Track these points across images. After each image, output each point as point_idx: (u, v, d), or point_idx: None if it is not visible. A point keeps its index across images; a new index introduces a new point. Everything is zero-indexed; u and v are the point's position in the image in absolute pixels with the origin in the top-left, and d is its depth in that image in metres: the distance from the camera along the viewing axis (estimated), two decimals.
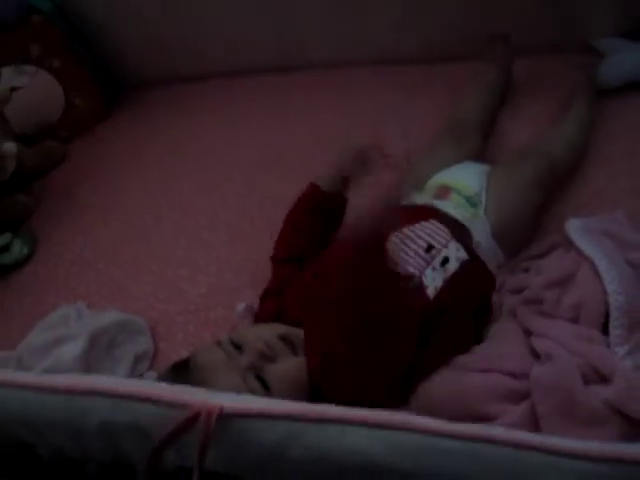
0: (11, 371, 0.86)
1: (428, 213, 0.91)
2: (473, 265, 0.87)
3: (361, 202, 0.72)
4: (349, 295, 0.73)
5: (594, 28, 1.22)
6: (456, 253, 0.87)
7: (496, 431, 0.54)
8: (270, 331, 0.77)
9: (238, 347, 0.74)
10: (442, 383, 0.78)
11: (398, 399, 0.78)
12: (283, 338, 0.76)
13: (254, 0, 1.36)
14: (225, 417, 0.55)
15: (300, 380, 0.74)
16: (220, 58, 1.48)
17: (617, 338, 0.78)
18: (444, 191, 0.94)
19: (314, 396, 0.75)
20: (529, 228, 0.96)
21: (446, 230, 0.89)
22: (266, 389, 0.71)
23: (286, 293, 0.88)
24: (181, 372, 0.75)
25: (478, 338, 0.86)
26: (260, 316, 0.89)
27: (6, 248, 1.21)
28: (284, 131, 1.32)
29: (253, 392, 0.70)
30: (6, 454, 0.67)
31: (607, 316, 0.80)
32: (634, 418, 0.71)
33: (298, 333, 0.77)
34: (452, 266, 0.85)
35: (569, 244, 0.89)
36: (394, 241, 0.85)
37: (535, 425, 0.74)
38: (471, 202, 0.92)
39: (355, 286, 0.72)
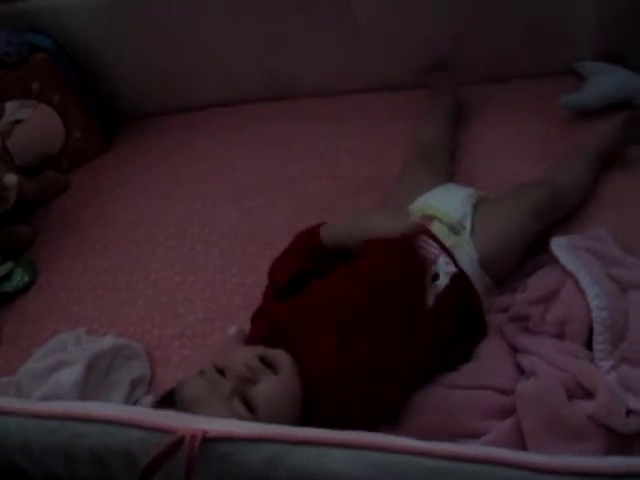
0: (6, 397, 0.88)
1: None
2: (462, 278, 0.89)
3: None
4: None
5: (576, 52, 1.25)
6: (445, 268, 0.88)
7: (475, 450, 0.56)
8: (251, 353, 0.78)
9: (222, 372, 0.75)
10: (429, 400, 0.80)
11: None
12: (262, 359, 0.77)
13: (248, 33, 1.39)
14: (209, 441, 0.57)
15: (284, 399, 0.75)
16: (216, 89, 1.52)
17: (601, 353, 0.79)
18: (427, 220, 0.95)
19: (306, 413, 0.77)
20: (518, 256, 0.95)
21: (435, 244, 0.90)
22: (252, 412, 0.72)
23: (278, 313, 0.89)
24: (167, 406, 0.75)
25: (466, 356, 0.87)
26: (251, 337, 0.90)
27: (7, 277, 1.23)
28: (276, 158, 1.34)
29: (239, 417, 0.71)
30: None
31: (591, 331, 0.81)
32: (619, 431, 0.73)
33: (277, 353, 0.79)
34: (442, 282, 0.86)
35: (554, 261, 0.91)
36: None
37: (521, 440, 0.75)
38: (454, 230, 0.94)
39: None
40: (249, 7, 1.35)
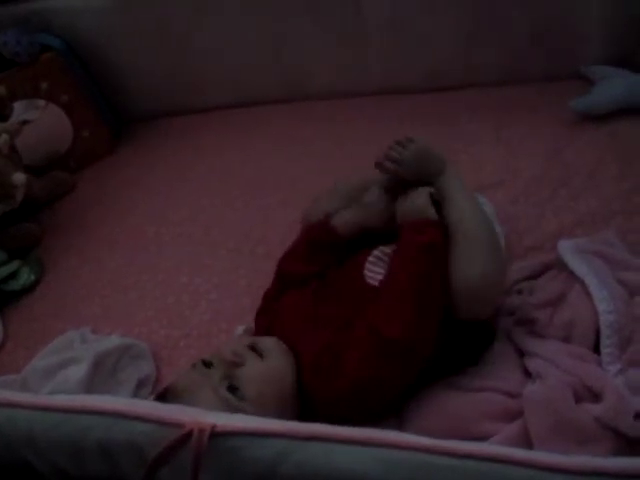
0: (15, 392, 0.88)
1: None
2: None
3: None
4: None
5: (585, 56, 1.26)
6: None
7: (483, 447, 0.55)
8: (238, 342, 0.79)
9: (210, 364, 0.76)
10: (436, 402, 0.79)
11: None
12: (251, 347, 0.77)
13: (257, 34, 1.41)
14: (217, 435, 0.57)
15: (270, 381, 0.75)
16: (224, 90, 1.53)
17: (608, 357, 0.79)
18: None
19: (305, 408, 0.77)
20: None
21: None
22: (239, 398, 0.72)
23: (277, 305, 0.90)
24: (162, 400, 0.75)
25: (474, 359, 0.87)
26: (254, 334, 0.90)
27: (13, 275, 1.23)
28: (285, 159, 1.35)
29: (228, 403, 0.71)
30: (8, 474, 0.69)
31: (598, 335, 0.81)
32: (626, 434, 0.72)
33: (266, 339, 0.79)
34: None
35: (562, 265, 0.91)
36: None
37: (528, 443, 0.74)
38: None
39: None
40: (259, 9, 1.37)
